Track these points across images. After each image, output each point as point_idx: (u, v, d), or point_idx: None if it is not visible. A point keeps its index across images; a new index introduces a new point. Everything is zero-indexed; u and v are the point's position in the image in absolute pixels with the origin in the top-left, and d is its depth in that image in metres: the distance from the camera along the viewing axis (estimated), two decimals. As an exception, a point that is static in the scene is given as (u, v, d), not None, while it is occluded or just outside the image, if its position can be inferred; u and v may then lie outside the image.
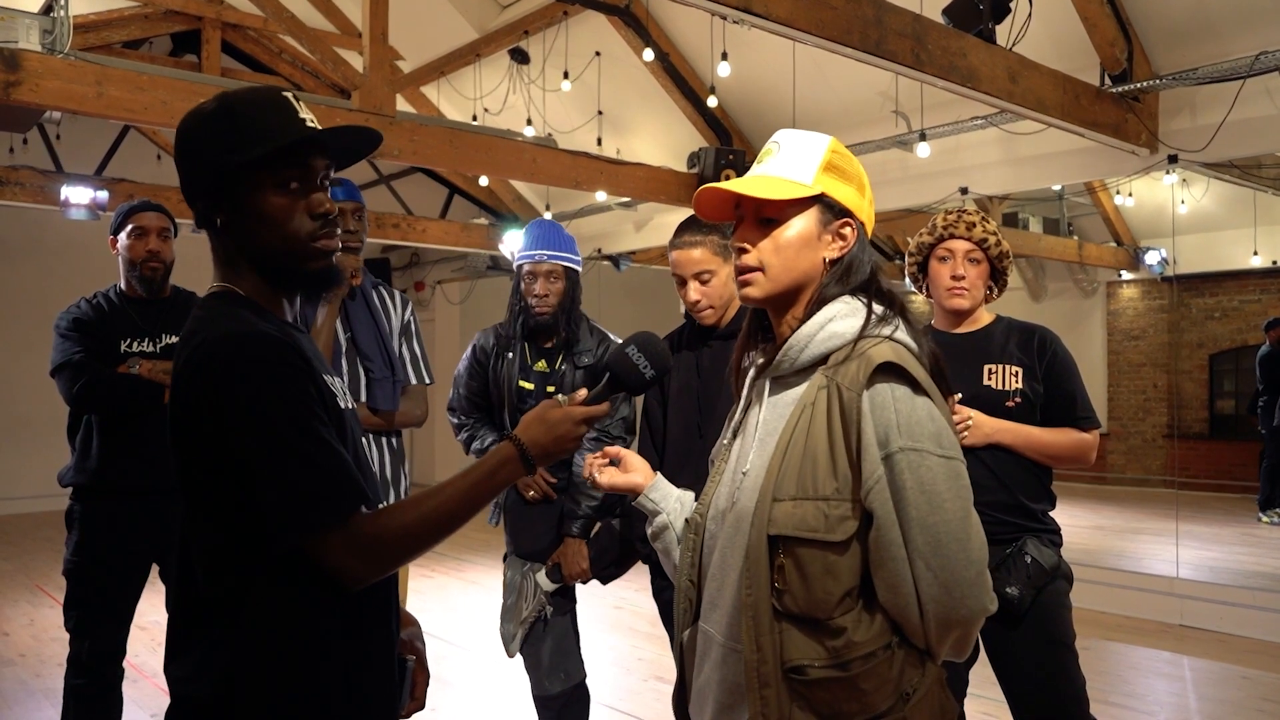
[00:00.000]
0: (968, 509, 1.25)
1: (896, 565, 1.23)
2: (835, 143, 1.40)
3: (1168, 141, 5.34)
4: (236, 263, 1.32)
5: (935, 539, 1.21)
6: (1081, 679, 2.37)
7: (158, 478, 2.90)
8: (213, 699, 1.20)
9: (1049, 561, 2.35)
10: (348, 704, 1.26)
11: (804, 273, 1.37)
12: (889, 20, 3.89)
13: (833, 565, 1.25)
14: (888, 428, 1.25)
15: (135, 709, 3.98)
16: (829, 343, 1.32)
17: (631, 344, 1.51)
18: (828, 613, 1.25)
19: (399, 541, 1.23)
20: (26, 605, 5.93)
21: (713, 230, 2.41)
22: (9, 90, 4.24)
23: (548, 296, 2.78)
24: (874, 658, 1.25)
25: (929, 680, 1.29)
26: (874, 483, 1.24)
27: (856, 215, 1.38)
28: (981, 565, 1.24)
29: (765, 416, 1.38)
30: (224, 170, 1.26)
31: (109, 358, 2.94)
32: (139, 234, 2.98)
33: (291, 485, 1.17)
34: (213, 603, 1.22)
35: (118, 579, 2.93)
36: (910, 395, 1.27)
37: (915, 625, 1.25)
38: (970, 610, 1.23)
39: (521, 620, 2.78)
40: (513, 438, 1.34)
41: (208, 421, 1.18)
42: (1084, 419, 2.41)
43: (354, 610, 1.27)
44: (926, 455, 1.24)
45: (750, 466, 1.35)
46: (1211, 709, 4.16)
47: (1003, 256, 2.47)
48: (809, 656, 1.25)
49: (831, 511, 1.25)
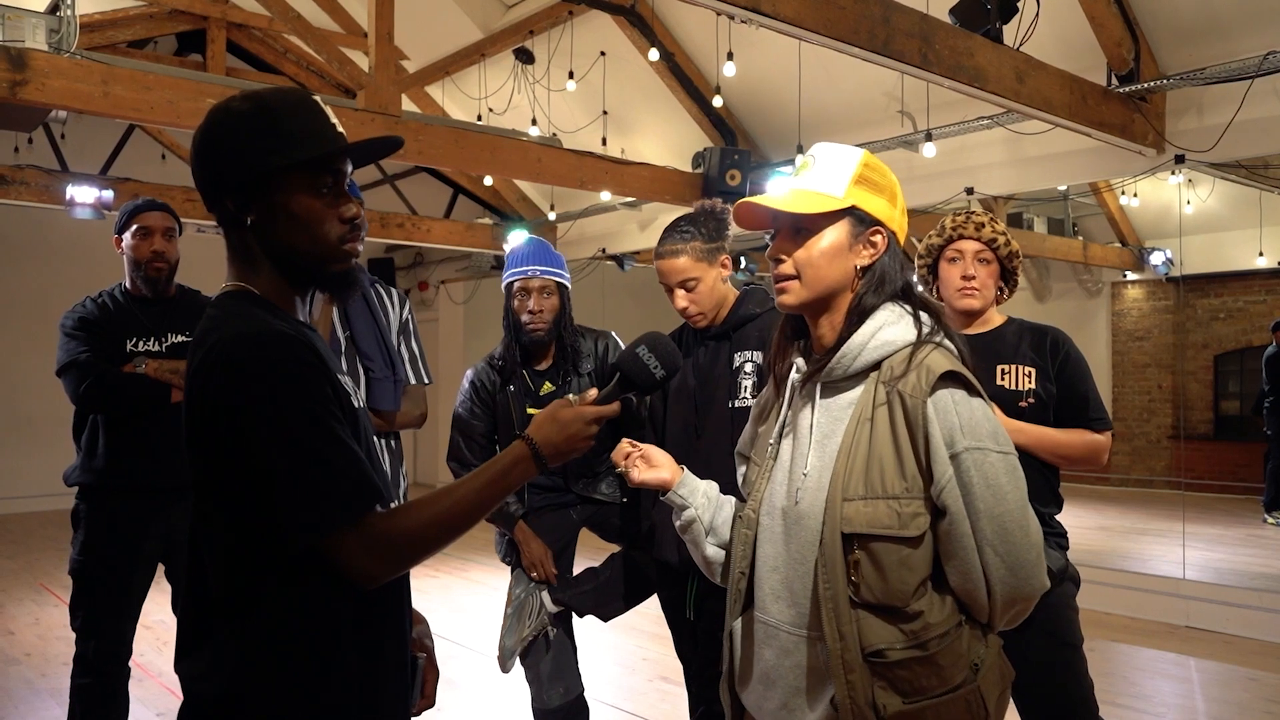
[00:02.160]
0: (1025, 498, 1.37)
1: (968, 554, 1.35)
2: (868, 155, 1.49)
3: (1175, 141, 5.32)
4: (256, 262, 1.31)
5: (1002, 527, 1.34)
6: (1089, 681, 2.37)
7: (164, 476, 2.90)
8: (225, 697, 1.20)
9: (1056, 564, 2.35)
10: (359, 703, 1.26)
11: (837, 280, 1.46)
12: (896, 20, 3.88)
13: (908, 558, 1.36)
14: (952, 430, 1.36)
15: (141, 708, 3.98)
16: (881, 350, 1.42)
17: (642, 344, 1.53)
18: (905, 600, 1.36)
19: (413, 541, 1.24)
20: (32, 604, 5.93)
21: (695, 236, 2.38)
22: (15, 89, 4.24)
23: (542, 312, 2.74)
24: (948, 637, 1.37)
25: (993, 651, 1.43)
26: (946, 482, 1.35)
27: (887, 225, 1.47)
28: (1040, 547, 1.37)
29: (819, 419, 1.47)
30: (263, 170, 1.26)
31: (115, 357, 2.94)
32: (144, 234, 2.97)
33: (307, 484, 1.17)
34: (225, 601, 1.22)
35: (123, 578, 2.92)
36: (967, 398, 1.38)
37: (983, 604, 1.38)
38: (1033, 588, 1.37)
39: (522, 637, 2.75)
40: (525, 437, 1.34)
41: (224, 421, 1.18)
42: (1096, 420, 2.40)
43: (366, 609, 1.27)
44: (988, 453, 1.35)
45: (810, 468, 1.44)
46: (1218, 710, 4.15)
47: (1012, 256, 2.47)
48: (887, 640, 1.36)
49: (904, 509, 1.36)
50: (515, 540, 2.81)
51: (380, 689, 1.30)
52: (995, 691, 1.42)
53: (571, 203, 8.94)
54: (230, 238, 1.33)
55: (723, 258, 2.41)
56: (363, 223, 1.35)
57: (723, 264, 2.41)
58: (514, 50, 7.73)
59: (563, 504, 2.90)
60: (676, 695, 2.64)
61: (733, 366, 2.39)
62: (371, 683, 1.28)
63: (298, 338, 1.24)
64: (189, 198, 7.45)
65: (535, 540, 2.80)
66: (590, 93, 7.72)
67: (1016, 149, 6.16)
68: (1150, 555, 7.16)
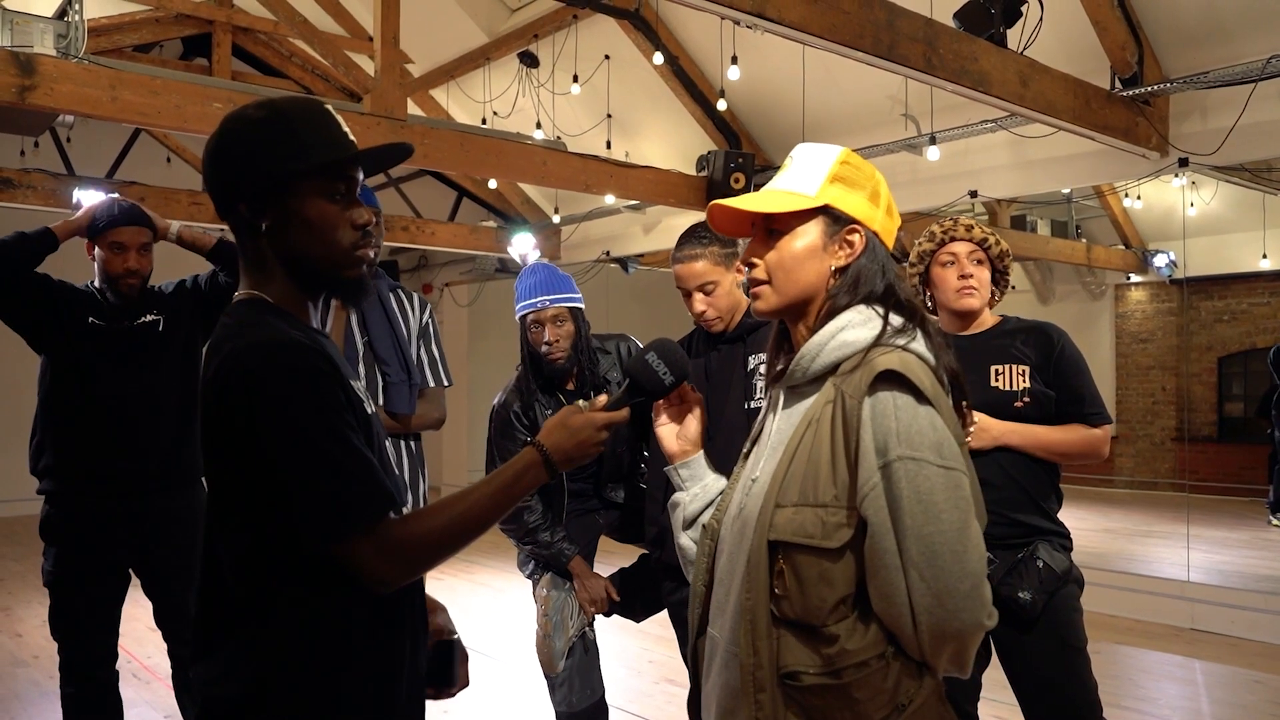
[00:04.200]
0: (966, 520, 1.22)
1: (890, 574, 1.21)
2: (847, 153, 1.40)
3: (1178, 145, 5.33)
4: (269, 268, 1.32)
5: (930, 550, 1.19)
6: (1094, 683, 2.38)
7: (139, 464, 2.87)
8: (242, 699, 1.22)
9: (1061, 566, 2.36)
10: (375, 706, 1.28)
11: (810, 283, 1.37)
12: (901, 25, 3.90)
13: (827, 572, 1.25)
14: (887, 435, 1.23)
15: (149, 710, 4.00)
16: (839, 351, 1.32)
17: (651, 351, 1.54)
18: (821, 619, 1.25)
19: (427, 546, 1.25)
20: (39, 606, 5.95)
21: (713, 241, 2.41)
22: (24, 94, 4.26)
23: (559, 341, 2.74)
24: (867, 667, 1.24)
25: (925, 692, 1.27)
26: (869, 490, 1.23)
27: (867, 224, 1.37)
28: (978, 579, 1.21)
29: (778, 425, 1.39)
30: (279, 176, 1.28)
31: (75, 326, 2.88)
32: (118, 249, 2.86)
33: (323, 492, 1.18)
34: (242, 605, 1.23)
35: (97, 587, 2.89)
36: (913, 404, 1.24)
37: (909, 636, 1.23)
38: (964, 624, 1.20)
39: (569, 637, 2.79)
40: (536, 443, 1.36)
41: (241, 428, 1.19)
42: (1094, 415, 2.41)
43: (381, 613, 1.29)
44: (925, 465, 1.22)
45: (760, 473, 1.36)
46: (1224, 713, 4.16)
47: (1003, 256, 2.50)
48: (803, 663, 1.25)
49: (829, 519, 1.25)
50: (573, 575, 2.81)
51: (395, 691, 1.31)
52: None
53: (575, 205, 8.95)
54: (243, 244, 1.34)
55: (737, 263, 2.45)
56: (378, 230, 1.37)
57: (738, 269, 2.45)
58: (519, 54, 7.75)
59: (588, 509, 2.94)
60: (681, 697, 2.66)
61: (748, 369, 2.43)
62: (387, 685, 1.29)
63: (312, 346, 1.25)
64: (194, 200, 7.49)
65: (595, 579, 2.82)
66: (594, 96, 7.74)
67: (1020, 152, 6.17)
68: (1154, 558, 7.16)
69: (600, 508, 2.93)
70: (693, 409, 1.58)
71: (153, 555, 2.93)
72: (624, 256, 9.32)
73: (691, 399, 1.58)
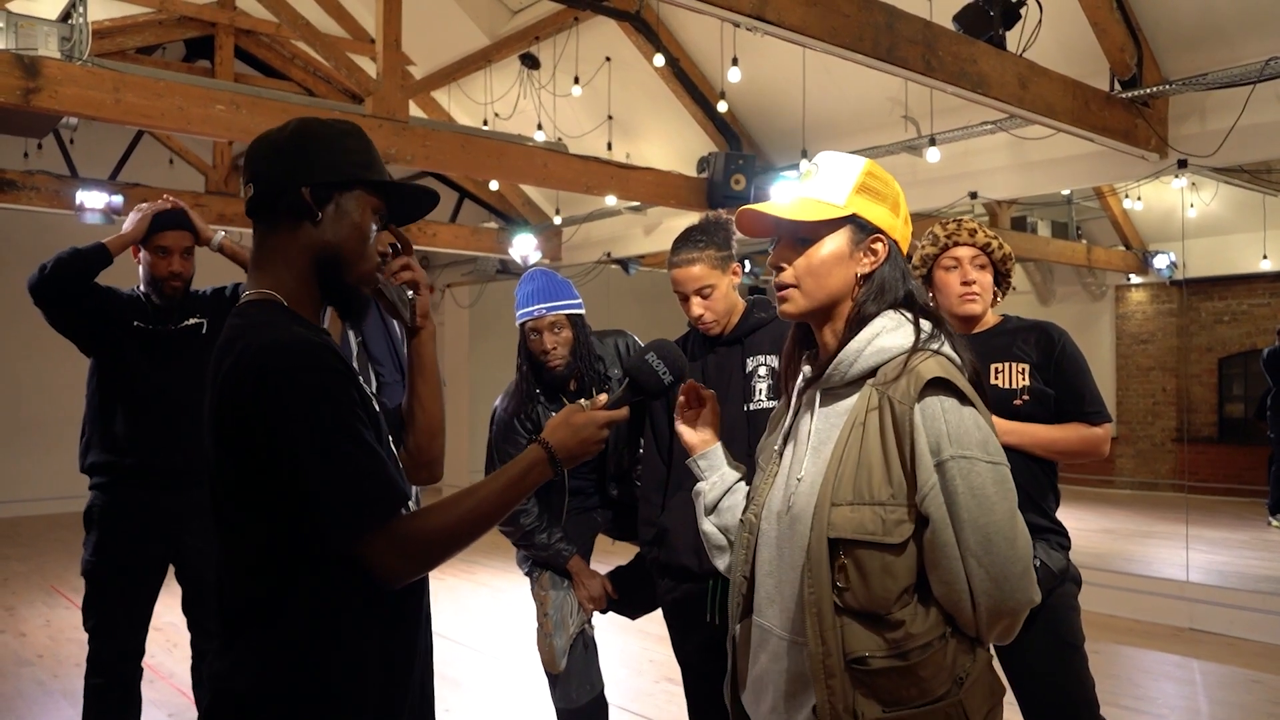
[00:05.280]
0: (1014, 509, 1.34)
1: (951, 564, 1.33)
2: (872, 164, 1.50)
3: (1177, 146, 5.35)
4: (291, 264, 1.36)
5: (986, 538, 1.31)
6: (1091, 681, 2.40)
7: (179, 459, 2.95)
8: (249, 691, 1.25)
9: (1058, 565, 2.38)
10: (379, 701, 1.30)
11: (837, 289, 1.46)
12: (900, 27, 3.92)
13: (890, 565, 1.35)
14: (939, 437, 1.34)
15: (153, 709, 4.02)
16: (877, 357, 1.42)
17: (650, 351, 1.59)
18: (887, 608, 1.35)
19: (437, 541, 1.28)
20: (43, 606, 5.98)
21: (709, 244, 2.42)
22: (29, 97, 4.29)
23: (557, 349, 2.76)
24: (930, 647, 1.35)
25: (980, 665, 1.40)
26: (929, 489, 1.33)
27: (889, 234, 1.47)
28: (1028, 561, 1.34)
29: (818, 426, 1.48)
30: (349, 176, 1.37)
31: (121, 329, 2.98)
32: (163, 253, 3.00)
33: (340, 490, 1.22)
34: (251, 602, 1.26)
35: (135, 579, 2.97)
36: (958, 406, 1.36)
37: (968, 617, 1.35)
38: (1019, 601, 1.34)
39: (570, 635, 2.82)
40: (541, 441, 1.40)
41: (257, 427, 1.22)
42: (1093, 413, 2.42)
43: (387, 609, 1.31)
44: (976, 462, 1.33)
45: (805, 473, 1.45)
46: (1222, 712, 4.18)
47: (1006, 259, 2.51)
48: (869, 648, 1.35)
49: (888, 516, 1.35)
50: (572, 574, 2.85)
51: (399, 685, 1.33)
52: (982, 707, 1.39)
53: (577, 207, 8.98)
54: (271, 240, 1.37)
55: (734, 265, 2.46)
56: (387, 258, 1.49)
57: (734, 271, 2.46)
58: (520, 56, 7.78)
59: (587, 508, 2.96)
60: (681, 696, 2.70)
61: (746, 371, 2.43)
62: (390, 679, 1.32)
63: (327, 346, 1.29)
64: (197, 202, 7.50)
65: (593, 578, 2.86)
66: (596, 98, 7.76)
67: (1020, 153, 6.19)
68: (1154, 558, 7.17)
69: (600, 505, 2.96)
70: (708, 404, 1.67)
71: (186, 546, 3.02)
72: (625, 257, 9.34)
73: (706, 395, 1.66)
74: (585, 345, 2.82)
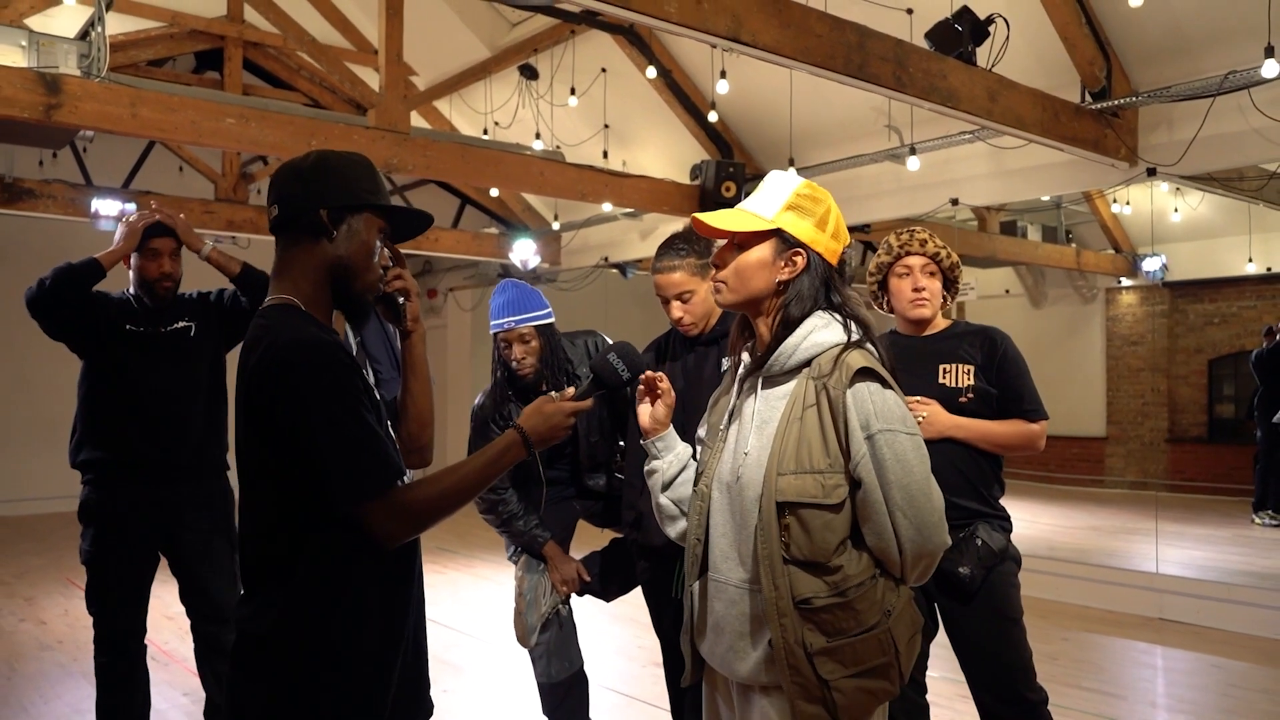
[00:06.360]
0: (928, 470, 1.65)
1: (880, 518, 1.62)
2: (806, 184, 1.74)
3: (1146, 156, 5.57)
4: (309, 275, 1.60)
5: (909, 495, 1.61)
6: (1029, 650, 2.62)
7: (170, 455, 3.11)
8: (269, 632, 1.50)
9: (998, 544, 2.60)
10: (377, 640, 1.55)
11: (759, 289, 1.73)
12: (871, 45, 4.14)
13: (830, 522, 1.63)
14: (868, 415, 1.62)
15: (169, 689, 4.26)
16: (812, 350, 1.69)
17: (612, 351, 1.85)
18: (827, 557, 1.63)
19: (428, 509, 1.53)
20: (60, 596, 6.24)
21: (690, 253, 2.62)
22: (51, 113, 4.53)
23: (526, 358, 2.97)
24: (863, 586, 1.64)
25: (903, 600, 1.69)
26: (861, 458, 1.62)
27: (812, 247, 1.71)
28: (942, 512, 1.65)
29: (759, 408, 1.73)
30: (361, 200, 1.62)
31: (110, 332, 3.11)
32: (153, 255, 3.13)
33: (348, 464, 1.46)
34: (272, 560, 1.51)
35: (131, 565, 3.13)
36: (881, 390, 1.65)
37: (895, 560, 1.65)
38: (935, 544, 1.64)
39: (542, 614, 3.06)
40: (516, 426, 1.66)
41: (279, 410, 1.46)
42: (1031, 411, 2.66)
43: (385, 565, 1.56)
44: (898, 434, 1.62)
45: (750, 448, 1.70)
46: (1181, 693, 4.39)
47: (954, 267, 2.74)
48: (814, 590, 1.63)
49: (827, 482, 1.63)
50: (547, 558, 3.08)
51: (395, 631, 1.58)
52: (906, 634, 1.69)
53: (575, 213, 9.21)
54: (291, 253, 1.62)
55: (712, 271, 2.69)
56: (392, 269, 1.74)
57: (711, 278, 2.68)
58: (519, 67, 8.02)
59: (566, 497, 3.19)
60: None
61: (721, 370, 2.65)
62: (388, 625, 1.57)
63: (337, 343, 1.54)
64: (206, 210, 7.80)
65: (567, 561, 3.09)
66: (592, 107, 8.00)
67: (998, 161, 6.41)
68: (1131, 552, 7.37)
69: (576, 495, 3.19)
70: (661, 395, 1.89)
71: (179, 538, 3.18)
72: (622, 262, 9.57)
73: (662, 387, 1.89)
74: (553, 353, 3.02)
